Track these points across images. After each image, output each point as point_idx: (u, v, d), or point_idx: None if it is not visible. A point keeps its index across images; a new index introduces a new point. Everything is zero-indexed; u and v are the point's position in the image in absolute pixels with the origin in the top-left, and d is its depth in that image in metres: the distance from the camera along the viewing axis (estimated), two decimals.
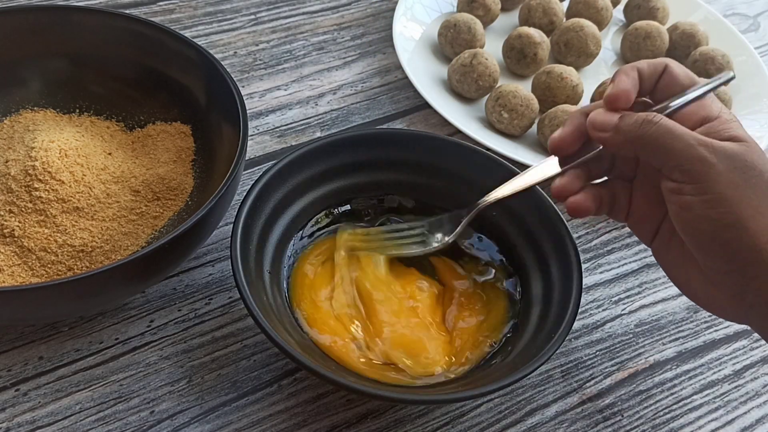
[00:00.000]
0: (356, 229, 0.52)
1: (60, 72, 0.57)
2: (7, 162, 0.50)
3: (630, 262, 0.58)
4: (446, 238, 0.50)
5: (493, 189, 0.53)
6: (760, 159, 0.40)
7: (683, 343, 0.54)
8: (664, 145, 0.41)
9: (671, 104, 0.43)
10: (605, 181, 0.48)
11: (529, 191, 0.49)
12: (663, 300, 0.56)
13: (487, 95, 0.67)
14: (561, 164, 0.46)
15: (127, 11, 0.68)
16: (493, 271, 0.52)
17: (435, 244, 0.50)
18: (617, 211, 0.47)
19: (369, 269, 0.49)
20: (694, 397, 0.51)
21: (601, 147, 0.45)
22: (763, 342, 0.54)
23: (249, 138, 0.52)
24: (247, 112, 0.52)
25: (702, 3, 0.83)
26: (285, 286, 0.48)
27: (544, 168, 0.47)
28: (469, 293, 0.50)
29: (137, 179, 0.53)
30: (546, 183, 0.47)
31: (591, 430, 0.48)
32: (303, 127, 0.65)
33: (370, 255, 0.50)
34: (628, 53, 0.75)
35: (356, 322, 0.47)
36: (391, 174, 0.54)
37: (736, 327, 0.55)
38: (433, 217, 0.52)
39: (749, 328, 0.55)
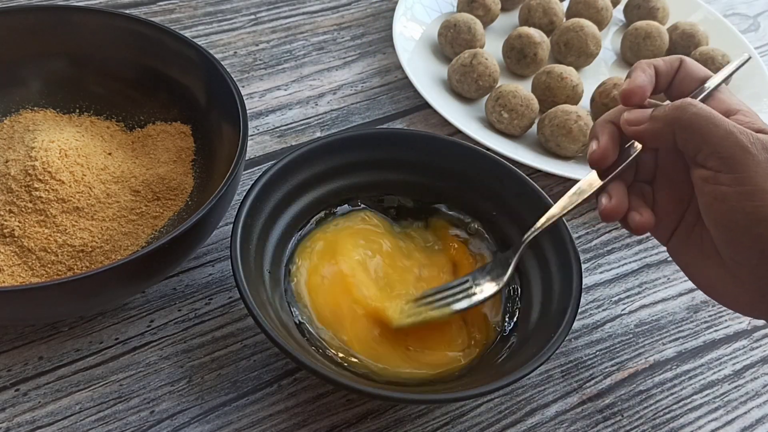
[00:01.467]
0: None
1: (60, 72, 0.57)
2: (7, 162, 0.50)
3: (630, 262, 0.58)
4: (495, 284, 0.48)
5: (494, 190, 0.53)
6: None
7: (683, 343, 0.54)
8: (703, 129, 0.40)
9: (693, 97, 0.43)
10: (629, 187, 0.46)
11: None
12: (663, 300, 0.56)
13: (487, 95, 0.67)
14: (601, 177, 0.45)
15: (127, 11, 0.68)
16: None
17: (484, 293, 0.47)
18: None
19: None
20: (694, 397, 0.51)
21: (636, 153, 0.44)
22: (763, 342, 0.54)
23: (249, 138, 0.52)
24: (247, 112, 0.52)
25: (702, 3, 0.83)
26: (286, 284, 0.49)
27: (584, 184, 0.46)
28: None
29: (137, 179, 0.53)
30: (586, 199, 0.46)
31: (591, 430, 0.48)
32: (303, 127, 0.65)
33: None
34: (628, 53, 0.75)
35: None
36: (391, 174, 0.54)
37: (736, 327, 0.55)
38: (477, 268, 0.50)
39: (749, 327, 0.55)
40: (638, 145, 0.44)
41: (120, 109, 0.58)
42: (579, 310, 0.47)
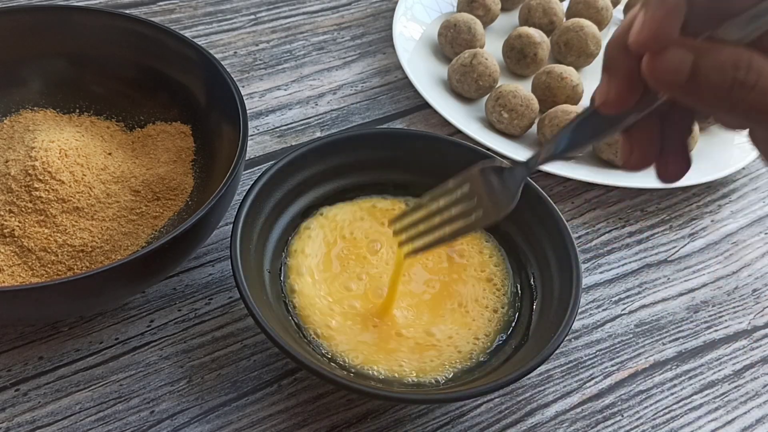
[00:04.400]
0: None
1: (60, 72, 0.57)
2: (7, 162, 0.50)
3: (630, 262, 0.58)
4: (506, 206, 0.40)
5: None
6: None
7: (683, 343, 0.54)
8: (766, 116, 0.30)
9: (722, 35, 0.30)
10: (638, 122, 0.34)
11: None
12: (663, 300, 0.56)
13: (487, 95, 0.67)
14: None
15: (127, 11, 0.68)
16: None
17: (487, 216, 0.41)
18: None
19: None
20: (694, 397, 0.51)
21: (658, 101, 0.33)
22: (763, 342, 0.54)
23: (249, 138, 0.52)
24: (247, 112, 0.52)
25: None
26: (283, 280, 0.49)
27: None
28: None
29: (137, 179, 0.53)
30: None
31: (591, 430, 0.48)
32: (303, 127, 0.65)
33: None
34: None
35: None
36: (391, 174, 0.54)
37: (736, 327, 0.55)
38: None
39: (749, 327, 0.55)
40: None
41: (120, 109, 0.58)
42: (579, 310, 0.47)
